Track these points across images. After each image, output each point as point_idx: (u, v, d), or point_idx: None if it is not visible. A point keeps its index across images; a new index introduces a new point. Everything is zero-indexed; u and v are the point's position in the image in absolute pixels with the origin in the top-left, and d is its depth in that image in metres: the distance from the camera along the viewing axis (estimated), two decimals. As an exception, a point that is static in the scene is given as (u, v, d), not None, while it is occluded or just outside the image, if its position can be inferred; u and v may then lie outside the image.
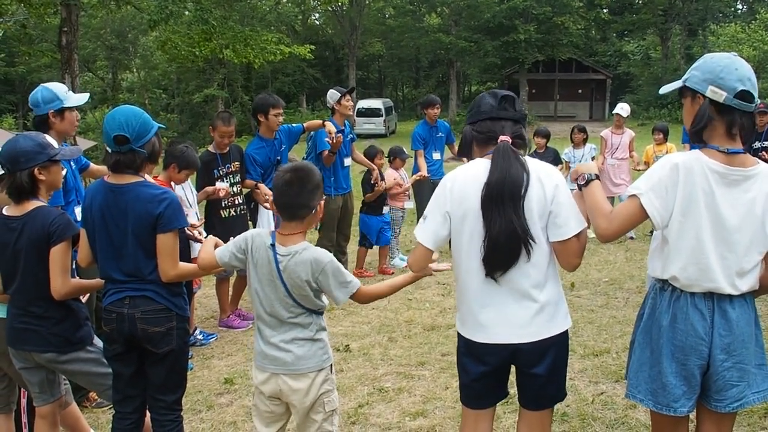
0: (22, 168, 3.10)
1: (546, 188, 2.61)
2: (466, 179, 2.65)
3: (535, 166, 2.65)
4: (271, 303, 2.79)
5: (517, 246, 2.58)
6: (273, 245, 2.76)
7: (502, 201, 2.55)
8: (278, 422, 2.96)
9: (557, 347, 2.74)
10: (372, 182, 7.72)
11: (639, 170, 9.06)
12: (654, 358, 2.66)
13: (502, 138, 2.66)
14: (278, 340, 2.81)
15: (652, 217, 2.52)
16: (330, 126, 6.70)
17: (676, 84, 2.71)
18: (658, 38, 42.88)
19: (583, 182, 2.72)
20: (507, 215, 2.55)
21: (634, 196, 2.54)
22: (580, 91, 43.53)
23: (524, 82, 40.51)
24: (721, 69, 2.50)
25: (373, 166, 7.81)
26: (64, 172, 3.59)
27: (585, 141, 9.87)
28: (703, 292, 2.56)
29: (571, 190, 2.71)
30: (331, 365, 2.93)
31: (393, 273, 7.91)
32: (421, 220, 2.77)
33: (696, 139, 2.60)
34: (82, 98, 4.24)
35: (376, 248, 8.16)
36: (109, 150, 3.03)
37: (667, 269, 2.59)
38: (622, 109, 9.88)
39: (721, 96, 2.48)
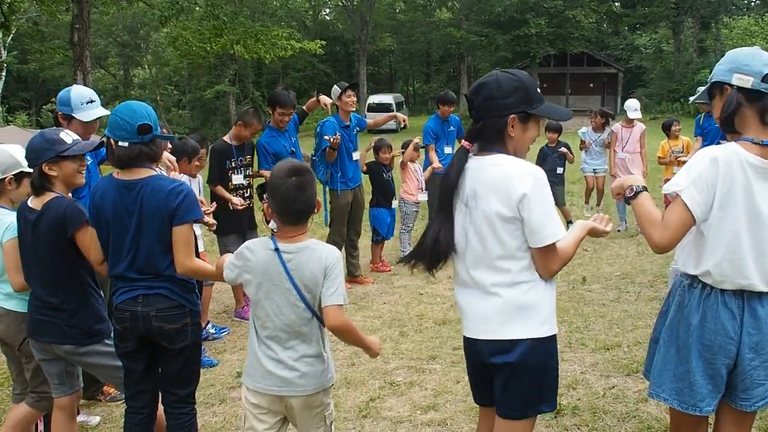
0: (33, 164, 3.26)
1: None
2: None
3: None
4: (279, 309, 2.67)
5: None
6: (277, 249, 2.66)
7: None
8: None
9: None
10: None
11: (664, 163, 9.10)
12: (680, 357, 2.62)
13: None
14: (286, 356, 2.70)
15: (693, 212, 2.44)
16: (324, 99, 6.67)
17: (704, 88, 2.70)
18: (670, 31, 42.66)
19: (631, 194, 2.64)
20: None
21: (677, 195, 2.47)
22: (591, 85, 43.32)
23: (535, 76, 40.28)
24: (745, 56, 2.49)
25: (395, 114, 7.78)
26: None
27: (604, 126, 9.82)
28: (733, 290, 2.52)
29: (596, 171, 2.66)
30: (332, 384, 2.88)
31: (390, 270, 7.89)
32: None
33: (728, 128, 2.55)
34: (91, 115, 4.21)
35: (385, 242, 8.17)
36: (126, 144, 3.02)
37: (701, 264, 2.54)
38: (630, 109, 9.69)
39: (747, 81, 2.45)
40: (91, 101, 4.22)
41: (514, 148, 2.57)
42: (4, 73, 38.01)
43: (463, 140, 2.63)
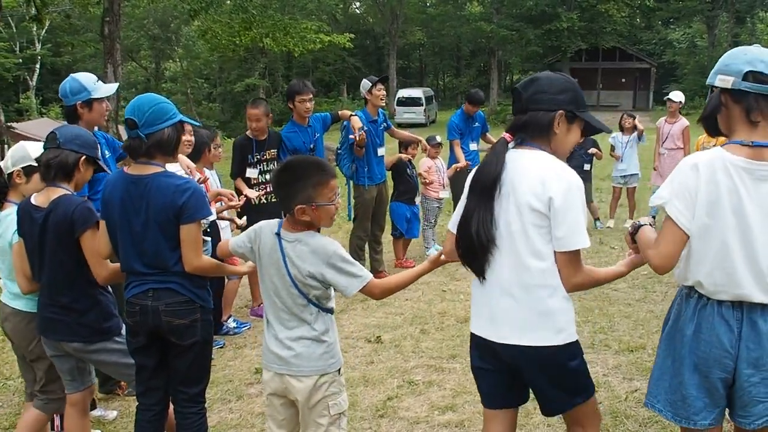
0: (74, 149, 3.19)
1: None
2: None
3: None
4: (278, 292, 2.75)
5: None
6: (278, 233, 2.74)
7: None
8: (290, 425, 2.93)
9: None
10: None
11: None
12: (675, 368, 2.51)
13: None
14: (284, 336, 2.77)
15: (680, 225, 2.35)
16: (355, 122, 6.65)
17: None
18: (704, 26, 41.89)
19: (632, 231, 2.66)
20: None
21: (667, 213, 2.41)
22: (623, 80, 42.77)
23: (567, 71, 39.72)
24: (729, 56, 2.40)
25: (419, 138, 7.77)
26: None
27: (634, 128, 9.54)
28: (731, 300, 2.39)
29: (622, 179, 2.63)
30: (339, 369, 2.85)
31: (413, 266, 7.77)
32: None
33: (713, 131, 2.51)
34: (110, 89, 4.25)
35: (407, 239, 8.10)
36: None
37: (692, 275, 2.43)
38: (673, 97, 9.37)
39: (728, 82, 2.35)
40: (97, 80, 4.24)
41: (555, 148, 2.56)
42: (38, 66, 38.63)
43: (504, 132, 2.61)
